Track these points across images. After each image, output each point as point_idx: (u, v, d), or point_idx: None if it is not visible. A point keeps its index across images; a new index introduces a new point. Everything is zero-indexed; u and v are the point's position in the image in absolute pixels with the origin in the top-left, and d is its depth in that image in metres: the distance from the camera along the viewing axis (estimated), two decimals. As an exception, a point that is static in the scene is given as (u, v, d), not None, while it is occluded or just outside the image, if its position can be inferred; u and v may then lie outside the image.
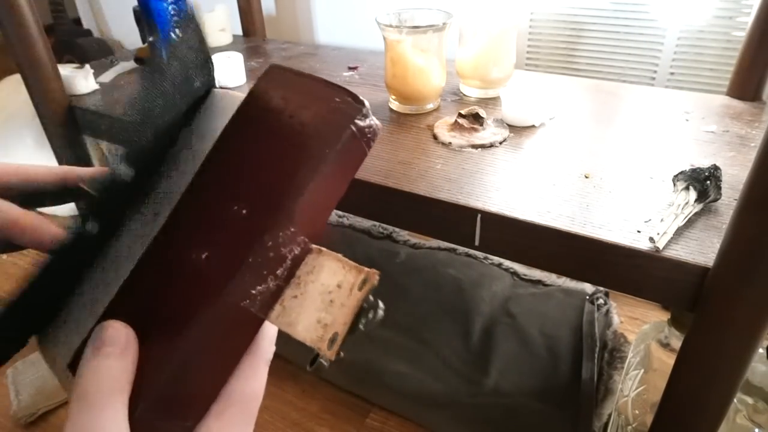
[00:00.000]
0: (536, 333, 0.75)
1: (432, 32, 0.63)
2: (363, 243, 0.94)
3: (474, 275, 0.85)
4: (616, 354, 0.68)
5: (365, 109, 0.26)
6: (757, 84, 0.64)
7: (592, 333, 0.73)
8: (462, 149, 0.57)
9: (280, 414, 0.69)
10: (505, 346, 0.73)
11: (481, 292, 0.82)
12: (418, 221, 0.52)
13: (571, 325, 0.76)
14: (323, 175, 0.26)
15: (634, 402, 0.53)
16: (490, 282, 0.84)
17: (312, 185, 0.25)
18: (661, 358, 0.52)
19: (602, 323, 0.75)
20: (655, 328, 0.55)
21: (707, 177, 0.45)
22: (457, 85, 0.73)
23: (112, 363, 0.22)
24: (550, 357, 0.71)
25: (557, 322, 0.76)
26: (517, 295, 0.82)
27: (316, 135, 0.26)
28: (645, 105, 0.66)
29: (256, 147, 0.27)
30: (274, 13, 1.14)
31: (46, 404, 0.72)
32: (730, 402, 0.40)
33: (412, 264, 0.88)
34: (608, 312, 0.76)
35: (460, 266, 0.87)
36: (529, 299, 0.81)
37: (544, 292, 0.82)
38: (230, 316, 0.24)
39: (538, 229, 0.45)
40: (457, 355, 0.72)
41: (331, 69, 0.84)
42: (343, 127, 0.26)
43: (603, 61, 0.84)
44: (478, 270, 0.86)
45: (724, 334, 0.37)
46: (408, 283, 0.84)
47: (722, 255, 0.36)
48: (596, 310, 0.77)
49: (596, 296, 0.79)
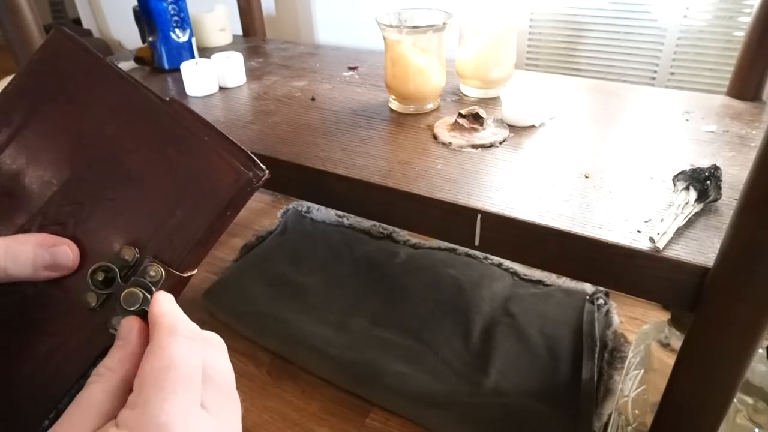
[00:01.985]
0: (536, 333, 0.74)
1: (432, 32, 0.63)
2: (363, 243, 0.94)
3: (474, 275, 0.85)
4: (616, 354, 0.68)
5: (264, 177, 0.29)
6: (757, 84, 0.64)
7: (592, 333, 0.73)
8: (462, 149, 0.57)
9: (280, 414, 0.69)
10: (506, 346, 0.73)
11: (481, 292, 0.81)
12: (418, 221, 0.52)
13: (571, 325, 0.75)
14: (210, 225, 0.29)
15: (634, 402, 0.53)
16: (490, 282, 0.84)
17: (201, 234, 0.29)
18: (661, 358, 0.52)
19: (602, 323, 0.75)
20: (655, 328, 0.55)
21: (707, 177, 0.45)
22: (457, 85, 0.73)
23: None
24: (550, 357, 0.71)
25: (557, 322, 0.76)
26: (517, 295, 0.81)
27: (208, 190, 0.29)
28: (645, 105, 0.66)
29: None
30: (274, 13, 1.14)
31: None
32: (730, 402, 0.40)
33: (412, 264, 0.88)
34: (608, 312, 0.76)
35: (460, 266, 0.87)
36: (529, 299, 0.80)
37: (545, 292, 0.82)
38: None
39: (538, 229, 0.45)
40: (457, 355, 0.72)
41: (331, 69, 0.84)
42: (238, 192, 0.29)
43: (603, 61, 0.84)
44: (478, 270, 0.86)
45: (724, 334, 0.37)
46: (408, 283, 0.84)
47: (722, 255, 0.36)
48: (596, 310, 0.77)
49: (596, 296, 0.79)
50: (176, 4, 0.83)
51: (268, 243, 0.96)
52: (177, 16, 0.84)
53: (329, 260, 0.89)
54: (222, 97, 0.76)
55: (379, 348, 0.73)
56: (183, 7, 0.84)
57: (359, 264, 0.89)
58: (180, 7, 0.84)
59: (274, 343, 0.76)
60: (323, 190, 0.57)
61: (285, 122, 0.67)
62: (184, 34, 0.85)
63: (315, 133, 0.63)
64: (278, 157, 0.58)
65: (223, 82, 0.78)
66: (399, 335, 0.75)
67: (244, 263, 0.90)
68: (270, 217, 1.11)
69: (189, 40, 0.86)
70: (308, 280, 0.86)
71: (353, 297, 0.82)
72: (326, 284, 0.85)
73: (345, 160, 0.57)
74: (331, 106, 0.70)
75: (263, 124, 0.66)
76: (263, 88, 0.78)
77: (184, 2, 0.84)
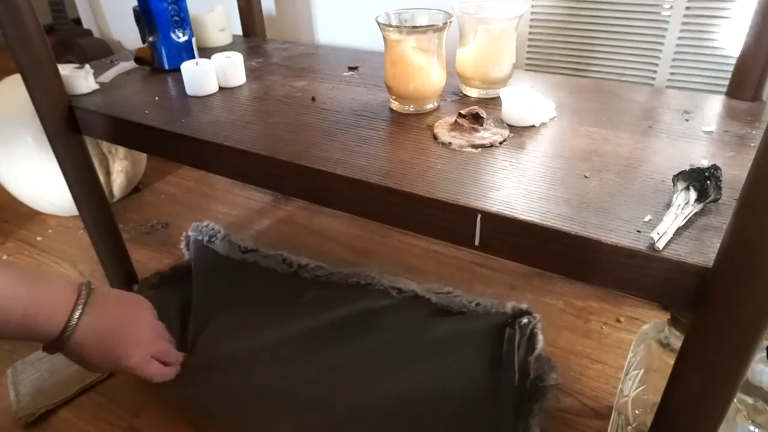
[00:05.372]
0: (451, 368, 0.68)
1: (432, 32, 0.63)
2: (270, 284, 0.85)
3: (387, 309, 0.78)
4: (538, 383, 0.63)
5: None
6: (757, 84, 0.64)
7: (510, 364, 0.66)
8: (462, 149, 0.57)
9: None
10: (420, 387, 0.67)
11: (393, 327, 0.75)
12: (417, 221, 0.52)
13: (489, 356, 0.69)
14: None
15: (634, 402, 0.53)
16: (405, 315, 0.77)
17: None
18: (661, 358, 0.52)
19: (524, 349, 0.68)
20: (655, 328, 0.55)
21: (707, 177, 0.45)
22: (457, 85, 0.73)
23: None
24: (464, 395, 0.65)
25: (474, 353, 0.70)
26: (433, 326, 0.75)
27: None
28: (645, 105, 0.66)
29: None
30: (274, 13, 1.14)
31: (45, 404, 0.72)
32: (730, 402, 0.40)
33: (320, 302, 0.80)
34: (533, 333, 0.69)
35: (373, 300, 0.80)
36: (446, 329, 0.74)
37: (464, 320, 0.75)
38: None
39: (538, 229, 0.45)
40: (363, 398, 0.66)
41: (331, 69, 0.84)
42: None
43: (603, 61, 0.84)
44: (392, 301, 0.80)
45: (724, 334, 0.37)
46: (316, 323, 0.76)
47: (722, 255, 0.36)
48: (518, 333, 0.70)
49: (518, 319, 0.71)
50: (176, 4, 0.83)
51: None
52: (177, 16, 0.84)
53: (238, 302, 0.80)
54: (222, 97, 0.76)
55: (281, 395, 0.68)
56: (183, 7, 0.84)
57: (270, 304, 0.80)
58: (180, 7, 0.84)
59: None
60: (323, 190, 0.57)
61: (285, 122, 0.67)
62: (184, 34, 0.85)
63: (315, 133, 0.63)
64: (278, 157, 0.58)
65: (223, 82, 0.78)
66: (306, 381, 0.69)
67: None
68: (270, 217, 1.11)
69: (189, 40, 0.86)
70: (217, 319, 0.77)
71: (259, 341, 0.74)
72: (230, 328, 0.76)
73: (345, 160, 0.57)
74: (331, 106, 0.70)
75: (263, 124, 0.66)
76: (263, 88, 0.78)
77: (184, 2, 0.84)
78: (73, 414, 0.72)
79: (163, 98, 0.76)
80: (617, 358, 0.74)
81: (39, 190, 1.08)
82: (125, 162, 1.13)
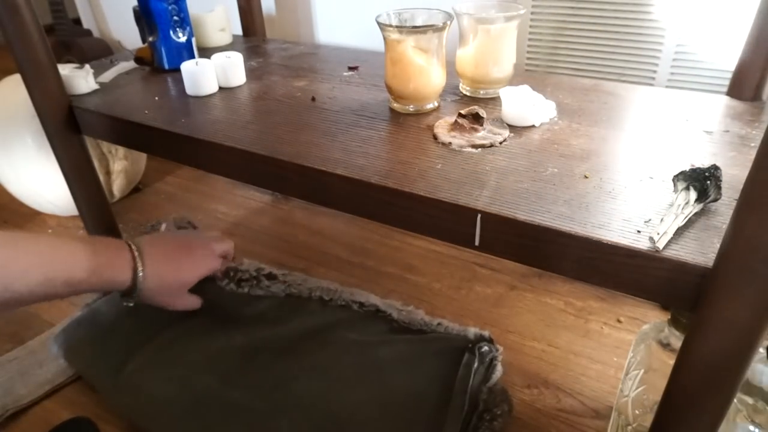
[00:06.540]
0: (402, 387, 0.66)
1: (432, 32, 0.63)
2: (223, 295, 0.81)
3: (346, 320, 0.76)
4: (486, 417, 0.61)
5: None
6: (757, 84, 0.64)
7: (463, 390, 0.64)
8: (462, 149, 0.57)
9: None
10: (364, 399, 0.65)
11: (348, 343, 0.72)
12: (417, 221, 0.52)
13: (444, 379, 0.66)
14: None
15: (634, 402, 0.53)
16: (360, 330, 0.74)
17: None
18: (661, 358, 0.52)
19: (480, 376, 0.65)
20: (655, 328, 0.55)
21: (707, 177, 0.45)
22: (457, 85, 0.73)
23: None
24: (409, 416, 0.63)
25: (428, 374, 0.67)
26: (390, 342, 0.72)
27: None
28: (645, 105, 0.66)
29: None
30: (274, 13, 1.14)
31: (14, 405, 0.70)
32: (730, 402, 0.40)
33: (272, 315, 0.78)
34: (492, 362, 0.67)
35: (330, 315, 0.78)
36: (402, 348, 0.71)
37: (422, 340, 0.72)
38: None
39: (538, 229, 0.45)
40: (306, 417, 0.64)
41: (331, 69, 0.84)
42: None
43: (603, 61, 0.84)
44: (351, 315, 0.77)
45: (724, 334, 0.37)
46: (267, 336, 0.74)
47: (722, 255, 0.36)
48: (477, 360, 0.67)
49: (479, 345, 0.69)
50: (176, 4, 0.83)
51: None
52: (177, 16, 0.84)
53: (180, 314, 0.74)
54: (222, 97, 0.76)
55: (223, 411, 0.65)
56: (183, 7, 0.84)
57: (214, 315, 0.77)
58: (180, 7, 0.84)
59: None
60: (323, 190, 0.57)
61: (285, 122, 0.67)
62: (184, 34, 0.85)
63: (315, 133, 0.63)
64: (278, 157, 0.58)
65: (223, 82, 0.78)
66: (249, 397, 0.66)
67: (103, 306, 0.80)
68: (270, 216, 1.11)
69: (189, 40, 0.86)
70: (156, 334, 0.75)
71: (202, 352, 0.72)
72: (173, 338, 0.74)
73: (345, 160, 0.57)
74: (331, 106, 0.70)
75: (263, 124, 0.66)
76: (263, 88, 0.78)
77: (184, 2, 0.84)
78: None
79: (163, 98, 0.76)
80: (617, 358, 0.74)
81: (39, 190, 1.07)
82: (125, 162, 1.13)
